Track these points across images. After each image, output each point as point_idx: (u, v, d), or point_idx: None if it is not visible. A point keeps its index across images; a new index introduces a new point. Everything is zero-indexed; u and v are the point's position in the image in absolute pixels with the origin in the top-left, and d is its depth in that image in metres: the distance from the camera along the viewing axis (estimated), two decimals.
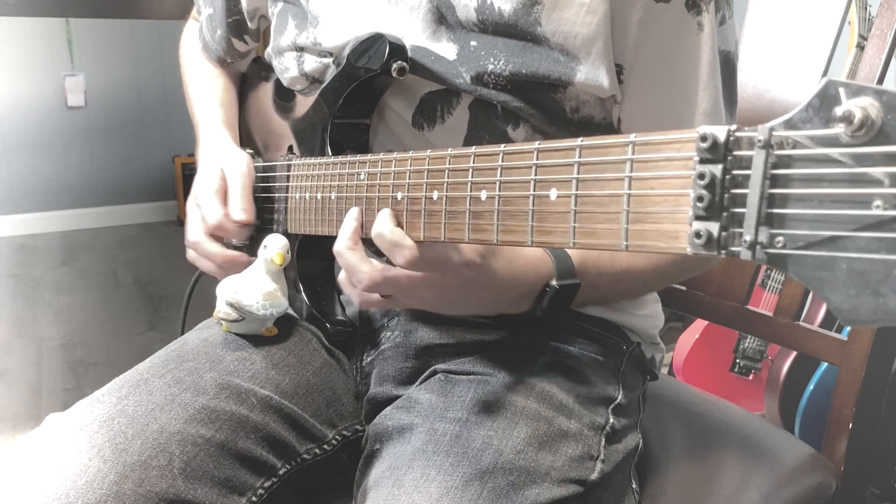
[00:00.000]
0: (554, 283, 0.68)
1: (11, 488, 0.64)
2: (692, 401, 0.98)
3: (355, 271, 0.63)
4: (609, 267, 0.73)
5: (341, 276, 0.67)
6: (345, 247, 0.64)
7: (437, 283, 0.63)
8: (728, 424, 0.92)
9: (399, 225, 0.62)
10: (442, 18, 0.74)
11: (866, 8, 1.52)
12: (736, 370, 1.87)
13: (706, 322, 1.83)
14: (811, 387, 1.61)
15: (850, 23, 1.49)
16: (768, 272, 1.80)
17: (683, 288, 1.06)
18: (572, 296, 0.70)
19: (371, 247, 0.64)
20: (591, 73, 0.71)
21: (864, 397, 0.86)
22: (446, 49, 0.74)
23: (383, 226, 0.61)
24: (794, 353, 1.68)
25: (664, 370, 1.51)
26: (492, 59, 0.71)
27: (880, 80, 0.87)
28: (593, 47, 0.70)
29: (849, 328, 0.89)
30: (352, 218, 0.66)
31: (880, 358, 0.87)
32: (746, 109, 0.97)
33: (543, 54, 0.71)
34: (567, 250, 0.70)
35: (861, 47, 1.47)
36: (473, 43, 0.72)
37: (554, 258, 0.69)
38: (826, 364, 1.58)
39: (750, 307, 1.00)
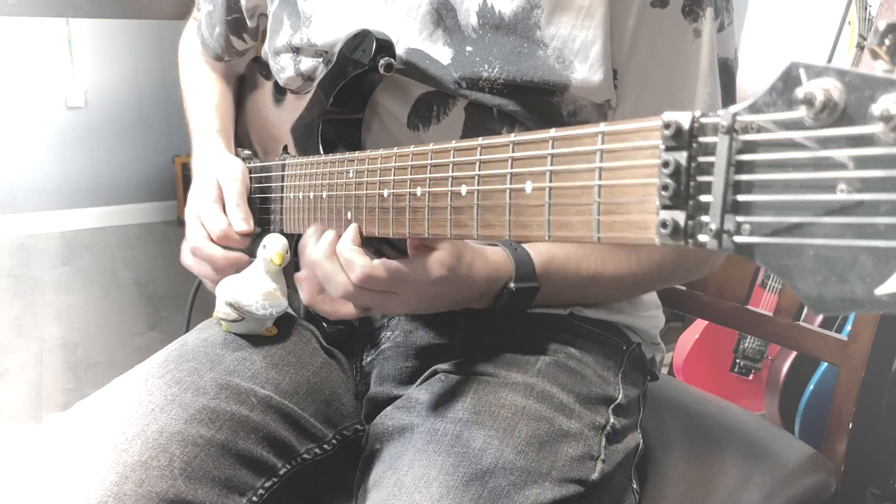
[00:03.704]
0: (511, 285, 0.69)
1: (12, 489, 0.64)
2: (692, 401, 0.98)
3: (331, 280, 0.64)
4: (575, 272, 0.74)
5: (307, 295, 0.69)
6: (323, 255, 0.65)
7: (404, 300, 0.65)
8: (728, 424, 0.92)
9: (364, 240, 0.64)
10: (440, 21, 0.74)
11: (866, 8, 1.52)
12: (736, 370, 1.87)
13: (706, 322, 1.83)
14: (811, 387, 1.61)
15: (850, 23, 1.49)
16: (768, 272, 1.80)
17: (683, 288, 1.06)
18: (530, 298, 0.71)
19: (371, 246, 0.65)
20: (588, 78, 0.71)
21: (864, 397, 0.86)
22: (441, 53, 0.74)
23: (343, 243, 0.64)
24: (794, 353, 1.68)
25: (664, 370, 1.51)
26: (486, 66, 0.71)
27: None
28: (591, 51, 0.70)
29: (849, 328, 0.89)
30: (329, 231, 0.67)
31: (880, 358, 0.87)
32: None
33: (539, 60, 0.71)
34: (531, 253, 0.72)
35: (861, 47, 1.47)
36: (469, 48, 0.72)
37: (514, 261, 0.70)
38: (826, 364, 1.58)
39: (750, 307, 1.00)
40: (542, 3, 0.70)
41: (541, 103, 0.73)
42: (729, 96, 0.76)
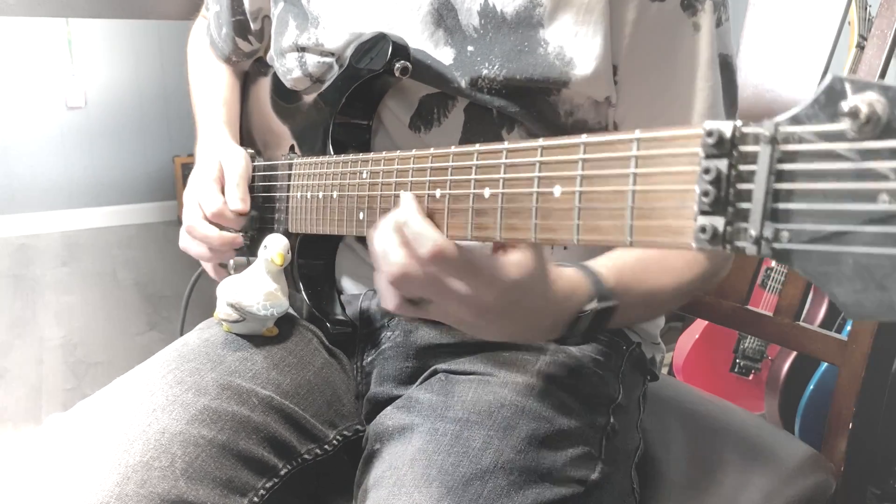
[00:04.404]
0: (594, 304, 0.61)
1: (12, 490, 0.64)
2: (692, 401, 0.98)
3: (386, 255, 0.54)
4: (637, 288, 0.67)
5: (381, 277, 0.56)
6: (384, 230, 0.55)
7: (470, 301, 0.54)
8: (728, 424, 0.92)
9: (428, 215, 0.56)
10: (441, 21, 0.74)
11: (866, 8, 1.52)
12: (736, 370, 1.88)
13: (706, 322, 1.83)
14: (811, 387, 1.61)
15: (850, 23, 1.49)
16: (768, 272, 1.80)
17: None
18: (608, 319, 0.63)
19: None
20: (588, 74, 0.71)
21: (864, 397, 0.86)
22: (443, 53, 0.74)
23: (410, 216, 0.54)
24: (794, 353, 1.68)
25: (664, 370, 1.51)
26: (486, 64, 0.72)
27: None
28: (591, 47, 0.70)
29: (849, 328, 0.89)
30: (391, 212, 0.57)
31: (880, 358, 0.87)
32: (746, 109, 0.97)
33: (540, 58, 0.71)
34: (599, 268, 0.64)
35: (861, 47, 1.47)
36: (470, 48, 0.72)
37: (590, 280, 0.62)
38: (826, 364, 1.58)
39: (750, 307, 1.00)
40: (544, 1, 0.70)
41: (539, 103, 0.73)
42: (730, 93, 0.76)
